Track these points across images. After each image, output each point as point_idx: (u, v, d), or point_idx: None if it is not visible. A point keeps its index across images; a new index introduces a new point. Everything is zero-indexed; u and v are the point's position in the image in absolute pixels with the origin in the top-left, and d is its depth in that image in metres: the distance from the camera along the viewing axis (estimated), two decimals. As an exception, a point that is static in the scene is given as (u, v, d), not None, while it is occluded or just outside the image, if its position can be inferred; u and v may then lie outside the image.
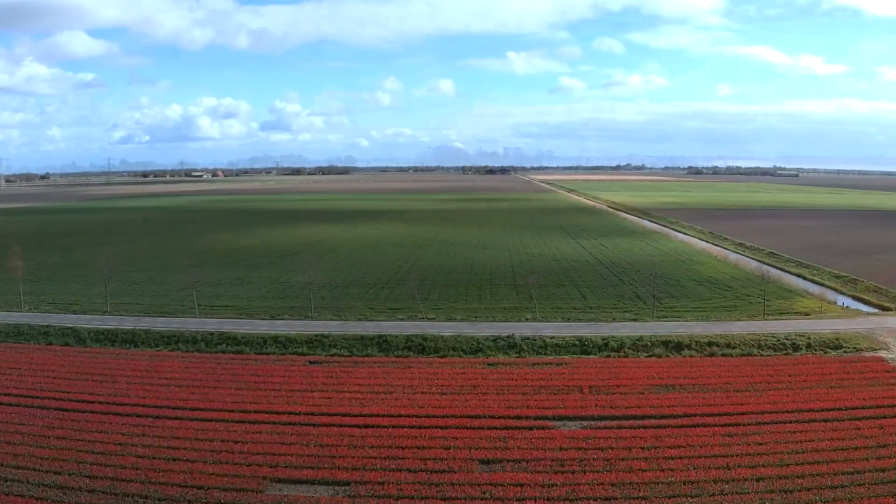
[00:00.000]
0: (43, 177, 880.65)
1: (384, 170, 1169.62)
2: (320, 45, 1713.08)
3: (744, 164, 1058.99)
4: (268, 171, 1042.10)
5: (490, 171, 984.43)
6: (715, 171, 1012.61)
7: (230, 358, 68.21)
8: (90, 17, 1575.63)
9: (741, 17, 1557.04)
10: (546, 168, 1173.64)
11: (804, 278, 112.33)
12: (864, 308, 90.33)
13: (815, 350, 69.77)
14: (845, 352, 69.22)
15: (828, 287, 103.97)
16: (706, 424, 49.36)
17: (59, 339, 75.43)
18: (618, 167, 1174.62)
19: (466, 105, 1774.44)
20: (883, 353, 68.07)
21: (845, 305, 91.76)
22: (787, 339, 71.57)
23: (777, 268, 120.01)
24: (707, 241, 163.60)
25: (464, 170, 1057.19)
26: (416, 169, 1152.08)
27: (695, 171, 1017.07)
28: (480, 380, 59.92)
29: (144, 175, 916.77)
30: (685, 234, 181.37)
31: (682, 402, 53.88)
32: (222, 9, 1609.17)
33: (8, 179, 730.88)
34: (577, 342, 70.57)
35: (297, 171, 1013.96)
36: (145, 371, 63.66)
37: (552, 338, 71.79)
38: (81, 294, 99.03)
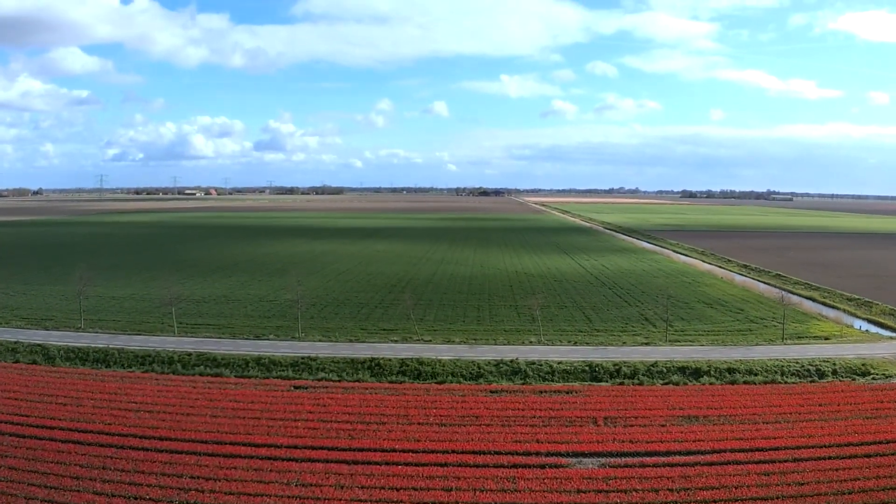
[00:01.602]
0: (35, 192, 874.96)
1: (378, 190, 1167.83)
2: (314, 65, 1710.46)
3: (737, 188, 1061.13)
4: (261, 191, 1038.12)
5: (484, 192, 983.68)
6: (709, 195, 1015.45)
7: (208, 381, 62.60)
8: (85, 34, 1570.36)
9: (734, 42, 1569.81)
10: (539, 191, 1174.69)
11: (815, 301, 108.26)
12: (884, 332, 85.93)
13: (842, 377, 65.44)
14: (874, 378, 64.99)
15: (842, 310, 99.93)
16: (738, 461, 44.11)
17: (26, 357, 70.20)
18: (611, 190, 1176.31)
19: (459, 127, 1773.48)
20: (916, 381, 63.16)
21: (865, 329, 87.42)
22: (812, 365, 67.06)
23: (786, 290, 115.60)
24: (710, 263, 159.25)
25: (457, 191, 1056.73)
26: (409, 190, 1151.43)
27: (689, 195, 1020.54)
28: (483, 409, 54.40)
29: (137, 192, 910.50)
30: (686, 255, 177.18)
31: (708, 435, 48.58)
32: (217, 28, 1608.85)
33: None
34: (586, 368, 65.24)
35: (290, 191, 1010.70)
36: (114, 394, 58.10)
37: (559, 363, 66.39)
38: (58, 309, 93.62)
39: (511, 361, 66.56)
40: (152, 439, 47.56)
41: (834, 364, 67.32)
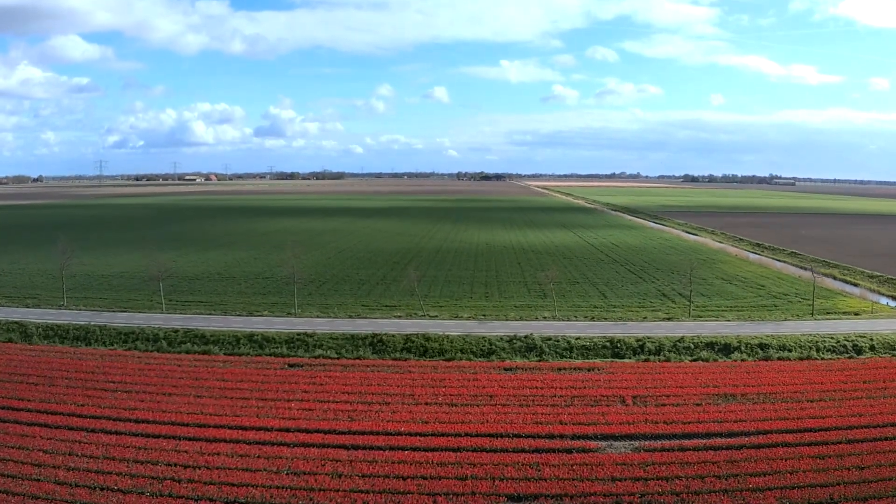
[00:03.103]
0: (35, 179, 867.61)
1: (378, 175, 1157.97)
2: (314, 51, 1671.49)
3: (738, 173, 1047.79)
4: (262, 176, 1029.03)
5: (485, 177, 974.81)
6: (711, 179, 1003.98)
7: (194, 359, 57.62)
8: (85, 21, 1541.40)
9: (734, 27, 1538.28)
10: (541, 175, 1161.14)
11: (835, 278, 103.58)
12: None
13: (881, 353, 61.05)
14: (916, 355, 59.74)
15: (865, 287, 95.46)
16: (787, 444, 39.11)
17: (2, 335, 65.86)
18: (612, 175, 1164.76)
19: (460, 113, 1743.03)
20: (961, 357, 58.27)
21: (893, 306, 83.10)
22: (847, 341, 62.52)
23: (802, 268, 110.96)
24: (721, 242, 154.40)
25: (458, 176, 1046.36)
26: (410, 175, 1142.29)
27: (691, 179, 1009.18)
28: (497, 388, 49.35)
29: (137, 179, 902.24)
30: (696, 234, 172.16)
31: (749, 415, 43.61)
32: (217, 14, 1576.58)
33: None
34: (607, 343, 60.16)
35: (290, 176, 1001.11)
36: (91, 373, 53.22)
37: (578, 338, 61.30)
38: (43, 287, 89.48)
39: (525, 337, 61.52)
40: (128, 422, 42.60)
41: (871, 339, 62.95)
